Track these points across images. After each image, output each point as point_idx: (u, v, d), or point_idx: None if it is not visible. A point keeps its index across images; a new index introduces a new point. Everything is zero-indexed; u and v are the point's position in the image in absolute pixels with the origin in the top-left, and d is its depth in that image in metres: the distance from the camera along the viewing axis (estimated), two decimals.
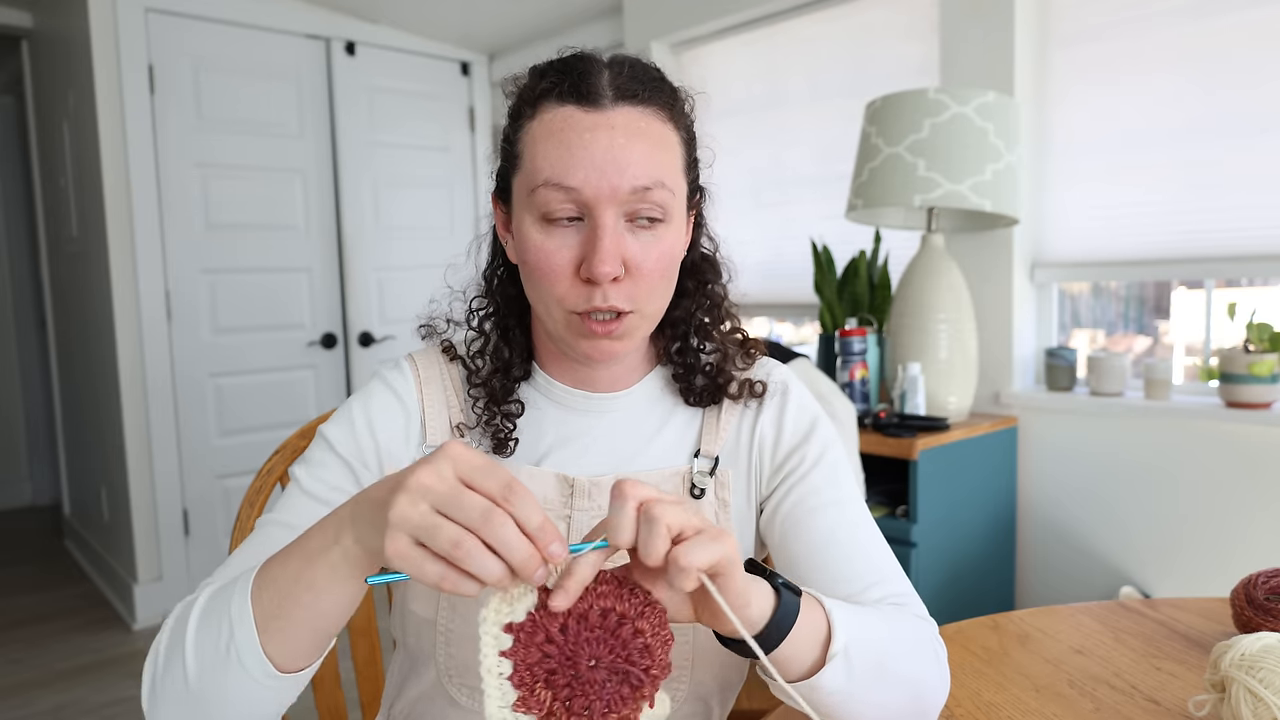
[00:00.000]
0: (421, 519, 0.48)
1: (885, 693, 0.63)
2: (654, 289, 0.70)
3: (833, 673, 0.59)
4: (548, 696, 0.51)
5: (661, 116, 0.70)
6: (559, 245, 0.68)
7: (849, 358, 2.03)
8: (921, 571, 1.84)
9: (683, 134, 0.73)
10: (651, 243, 0.69)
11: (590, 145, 0.66)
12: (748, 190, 2.81)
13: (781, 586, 0.58)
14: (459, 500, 0.48)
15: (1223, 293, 1.99)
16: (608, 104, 0.67)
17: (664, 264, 0.70)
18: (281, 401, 3.18)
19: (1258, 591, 0.87)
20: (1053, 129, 2.11)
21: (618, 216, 0.67)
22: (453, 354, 0.81)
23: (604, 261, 0.66)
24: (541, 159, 0.67)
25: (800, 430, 0.80)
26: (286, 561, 0.56)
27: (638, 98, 0.68)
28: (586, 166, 0.66)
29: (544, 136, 0.68)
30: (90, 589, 3.27)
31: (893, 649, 0.64)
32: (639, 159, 0.66)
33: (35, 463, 4.60)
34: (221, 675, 0.56)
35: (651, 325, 0.74)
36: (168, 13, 2.86)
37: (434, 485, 0.48)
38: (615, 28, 3.17)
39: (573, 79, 0.68)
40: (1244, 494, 1.82)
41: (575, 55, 0.71)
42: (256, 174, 3.08)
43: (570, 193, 0.66)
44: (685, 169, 0.73)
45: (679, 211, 0.72)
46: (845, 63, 2.53)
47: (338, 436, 0.75)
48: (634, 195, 0.67)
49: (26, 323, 4.52)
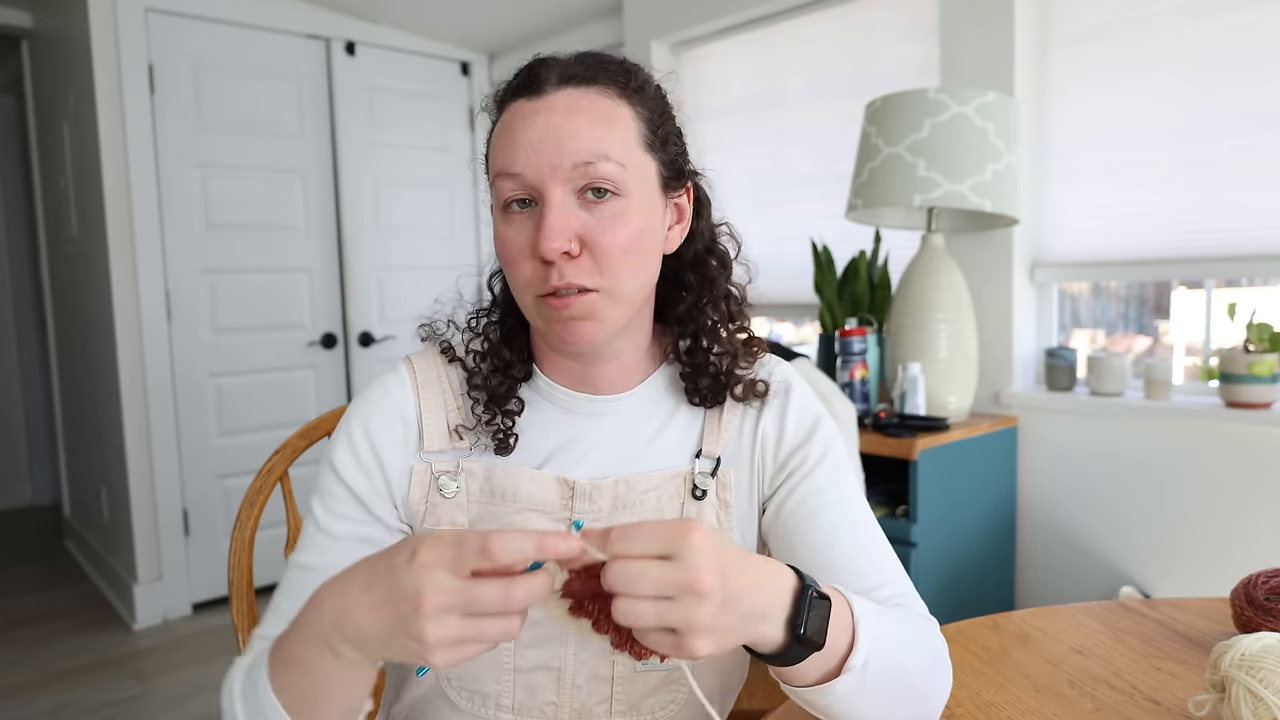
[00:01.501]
0: (461, 632, 0.49)
1: (892, 698, 0.63)
2: (616, 267, 0.69)
3: (845, 683, 0.59)
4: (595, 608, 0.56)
5: (608, 94, 0.70)
6: (516, 230, 0.70)
7: (849, 358, 2.03)
8: (921, 571, 1.84)
9: (639, 110, 0.72)
10: (608, 218, 0.68)
11: (530, 129, 0.68)
12: (748, 190, 2.81)
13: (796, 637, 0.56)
14: (476, 552, 0.49)
15: (1223, 293, 1.99)
16: (549, 90, 0.69)
17: (624, 239, 0.69)
18: (281, 401, 3.18)
19: (1258, 591, 0.87)
20: (1053, 129, 2.11)
21: (565, 194, 0.68)
22: (451, 355, 0.81)
23: (548, 238, 0.66)
24: (495, 154, 0.70)
25: (803, 430, 0.80)
26: (290, 679, 0.57)
27: (579, 79, 0.69)
28: (526, 149, 0.67)
29: (499, 134, 0.71)
30: (90, 589, 3.27)
31: (904, 654, 0.64)
32: (580, 134, 0.67)
33: (35, 463, 4.60)
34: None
35: (623, 308, 0.72)
36: (168, 13, 2.86)
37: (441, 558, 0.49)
38: (615, 28, 3.17)
39: (523, 76, 0.71)
40: (1244, 494, 1.82)
41: (535, 59, 0.72)
42: (256, 174, 3.08)
43: (516, 178, 0.68)
44: (646, 145, 0.72)
45: (639, 188, 0.70)
46: (845, 63, 2.53)
47: (342, 461, 0.76)
48: (576, 171, 0.67)
49: (26, 323, 4.52)
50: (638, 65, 0.75)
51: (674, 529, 0.51)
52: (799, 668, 0.58)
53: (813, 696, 0.60)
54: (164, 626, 2.89)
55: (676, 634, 0.51)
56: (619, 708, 0.75)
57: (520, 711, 0.75)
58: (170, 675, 2.53)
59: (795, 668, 0.58)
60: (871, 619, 0.62)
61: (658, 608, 0.50)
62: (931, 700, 0.67)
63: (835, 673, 0.59)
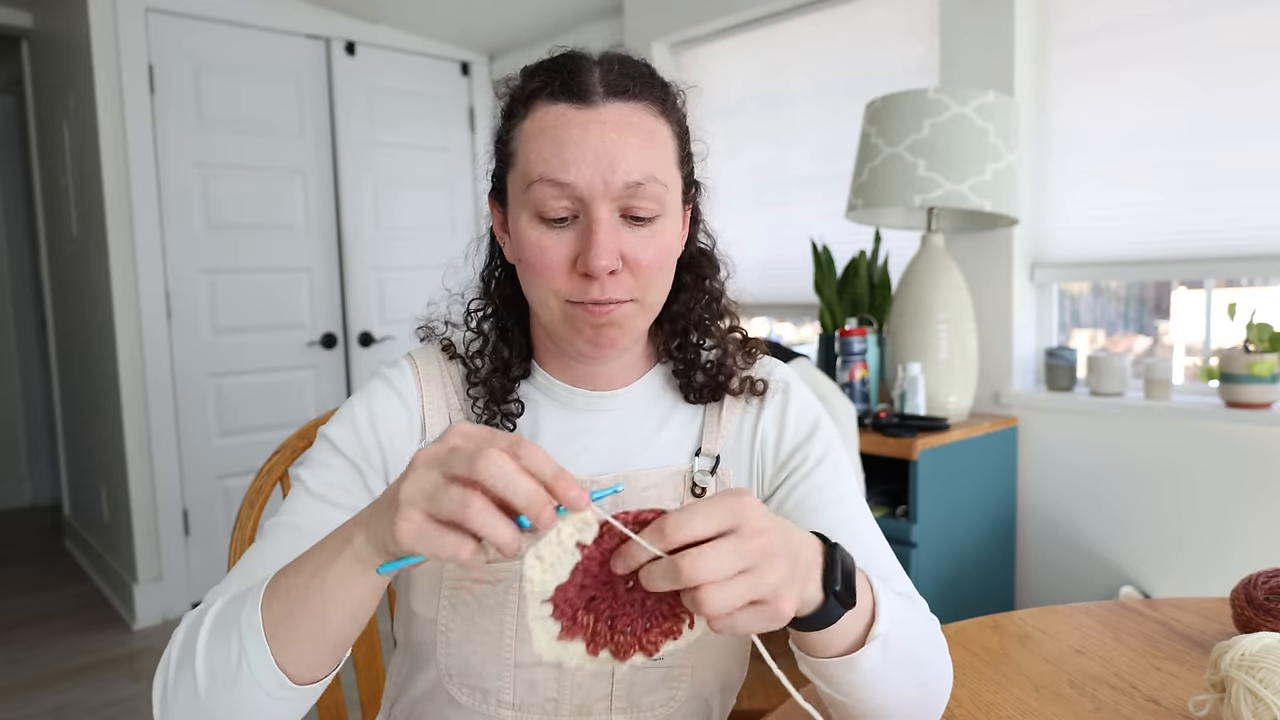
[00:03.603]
0: (431, 486, 0.48)
1: (910, 677, 0.63)
2: (651, 282, 0.71)
3: (871, 654, 0.59)
4: (589, 620, 0.51)
5: (653, 111, 0.70)
6: (555, 241, 0.69)
7: (849, 358, 2.03)
8: (921, 571, 1.84)
9: (675, 128, 0.73)
10: (647, 237, 0.69)
11: (582, 141, 0.66)
12: (748, 190, 2.81)
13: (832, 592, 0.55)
14: (464, 458, 0.47)
15: (1223, 293, 1.99)
16: (598, 100, 0.68)
17: (661, 257, 0.70)
18: (281, 401, 3.18)
19: (1258, 591, 0.87)
20: (1053, 129, 2.11)
21: (612, 211, 0.68)
22: (452, 353, 0.81)
23: (600, 256, 0.66)
24: (535, 156, 0.68)
25: (803, 429, 0.80)
26: (299, 569, 0.56)
27: (628, 93, 0.69)
28: (579, 162, 0.66)
29: (537, 134, 0.68)
30: (90, 589, 3.27)
31: (917, 635, 0.65)
32: (631, 154, 0.67)
33: (35, 463, 4.60)
34: (232, 688, 0.55)
35: (649, 318, 0.74)
36: (168, 13, 2.86)
37: (440, 453, 0.49)
38: (615, 28, 3.17)
39: (563, 77, 0.68)
40: (1244, 494, 1.81)
41: (565, 54, 0.71)
42: (256, 174, 3.08)
43: (565, 188, 0.67)
44: (679, 163, 0.73)
45: (674, 205, 0.72)
46: (845, 63, 2.53)
47: (340, 436, 0.75)
48: (627, 190, 0.67)
49: (26, 323, 4.52)
50: (669, 79, 0.75)
51: (726, 501, 0.50)
52: (830, 633, 0.57)
53: (841, 671, 0.60)
54: (164, 626, 2.89)
55: (763, 604, 0.50)
56: (619, 704, 0.76)
57: (521, 708, 0.75)
58: None
59: (826, 635, 0.57)
60: (887, 593, 0.62)
61: (744, 583, 0.48)
62: (939, 691, 0.67)
63: (860, 643, 0.59)
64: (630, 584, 0.52)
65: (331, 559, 0.54)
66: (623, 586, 0.52)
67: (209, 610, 0.59)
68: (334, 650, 0.57)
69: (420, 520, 0.48)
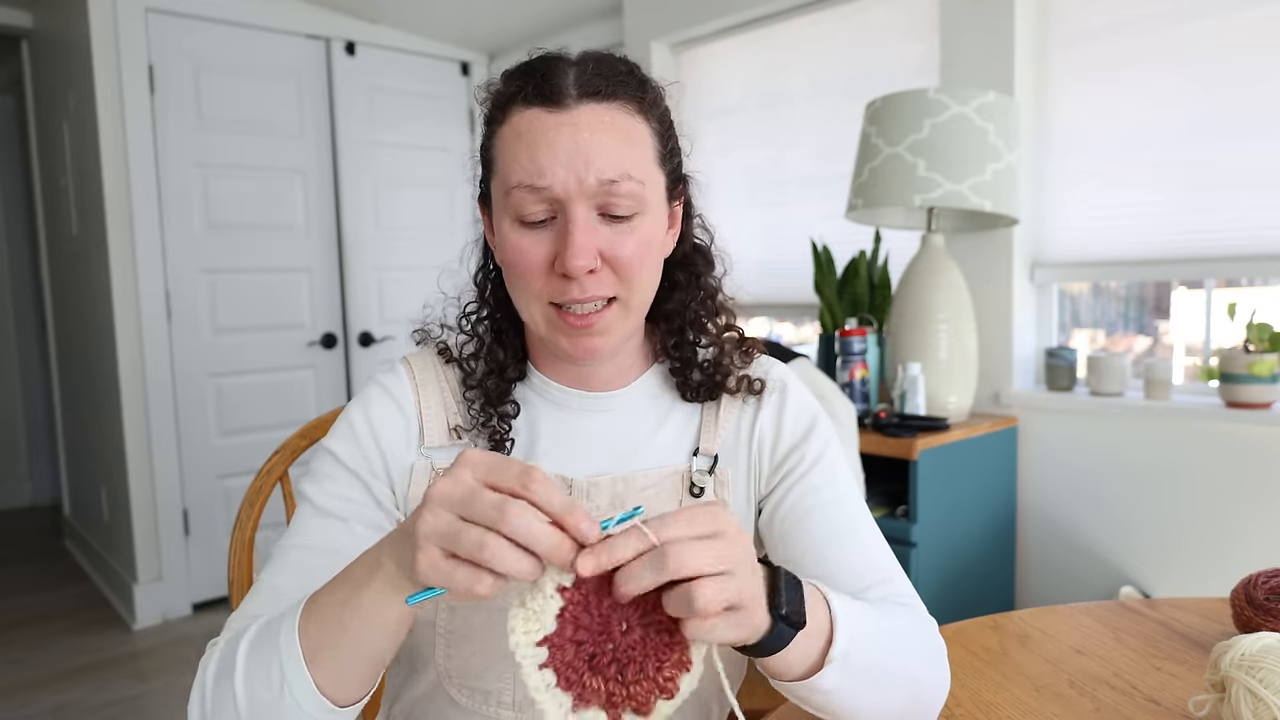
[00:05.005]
0: (446, 526, 0.48)
1: (884, 691, 0.63)
2: (633, 279, 0.71)
3: (831, 674, 0.59)
4: (599, 683, 0.51)
5: (628, 110, 0.70)
6: (534, 242, 0.69)
7: (849, 358, 2.03)
8: (921, 571, 1.84)
9: (655, 125, 0.73)
10: (627, 233, 0.70)
11: (555, 144, 0.67)
12: (747, 190, 2.81)
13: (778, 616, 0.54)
14: (477, 500, 0.48)
15: (1223, 293, 1.99)
16: (571, 103, 0.68)
17: (640, 253, 0.70)
18: (281, 401, 3.18)
19: (1258, 591, 0.87)
20: (1053, 129, 2.11)
21: (589, 210, 0.68)
22: (448, 356, 0.81)
23: (576, 255, 0.66)
24: (512, 162, 0.69)
25: (800, 428, 0.80)
26: (334, 591, 0.56)
27: (601, 94, 0.69)
28: (553, 164, 0.66)
29: (513, 140, 0.69)
30: (90, 589, 3.27)
31: (893, 648, 0.64)
32: (605, 152, 0.67)
33: (35, 463, 4.60)
34: (274, 712, 0.56)
35: (636, 318, 0.74)
36: (168, 13, 2.86)
37: (453, 492, 0.49)
38: (615, 28, 3.17)
39: (536, 81, 0.69)
40: (1244, 494, 1.81)
41: (540, 57, 0.72)
42: (256, 174, 3.08)
43: (540, 193, 0.67)
44: (659, 160, 0.73)
45: (655, 202, 0.72)
46: (845, 63, 2.53)
47: (342, 449, 0.75)
48: (602, 188, 0.67)
49: (26, 323, 4.52)
50: (648, 76, 0.75)
51: (707, 510, 0.51)
52: (786, 656, 0.57)
53: (804, 693, 0.60)
54: (164, 626, 2.89)
55: (739, 610, 0.50)
56: None
57: (521, 709, 0.75)
58: (170, 675, 2.53)
59: (783, 657, 0.57)
60: (850, 611, 0.61)
61: (727, 584, 0.49)
62: (927, 698, 0.66)
63: (819, 666, 0.59)
64: (624, 627, 0.51)
65: (366, 580, 0.55)
66: (619, 632, 0.51)
67: (242, 637, 0.60)
68: (375, 669, 0.58)
69: (436, 556, 0.49)
